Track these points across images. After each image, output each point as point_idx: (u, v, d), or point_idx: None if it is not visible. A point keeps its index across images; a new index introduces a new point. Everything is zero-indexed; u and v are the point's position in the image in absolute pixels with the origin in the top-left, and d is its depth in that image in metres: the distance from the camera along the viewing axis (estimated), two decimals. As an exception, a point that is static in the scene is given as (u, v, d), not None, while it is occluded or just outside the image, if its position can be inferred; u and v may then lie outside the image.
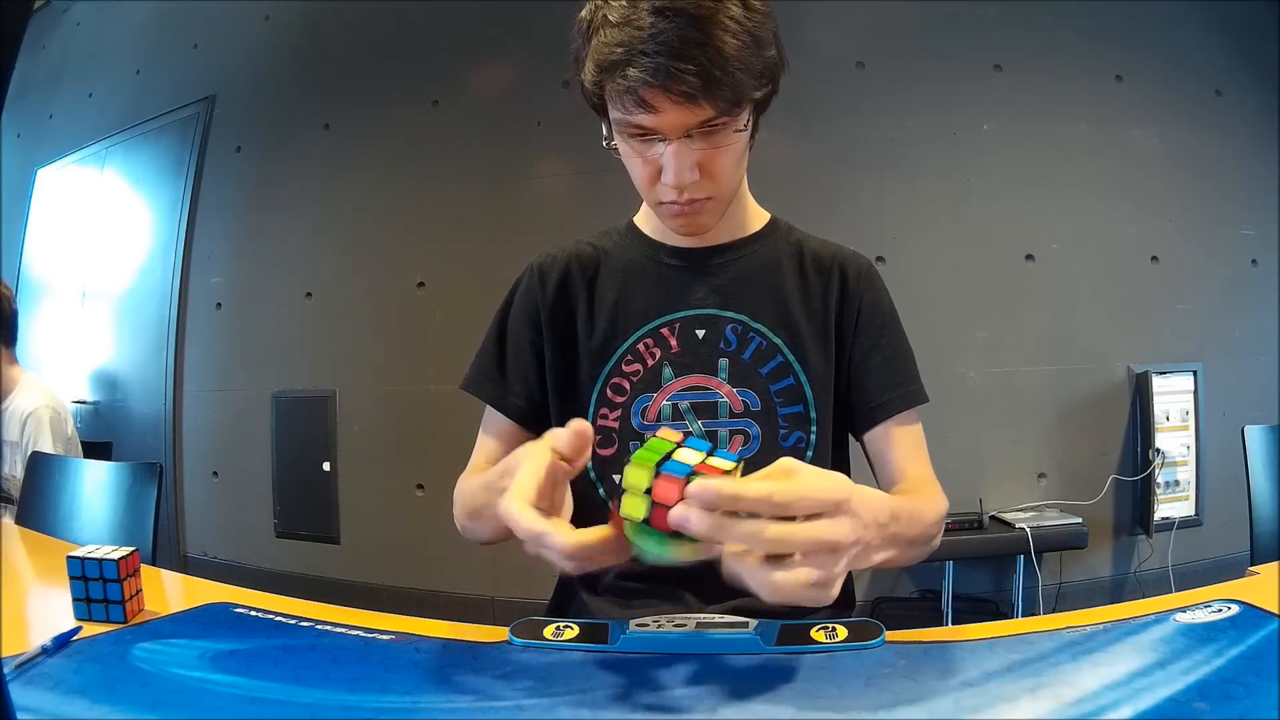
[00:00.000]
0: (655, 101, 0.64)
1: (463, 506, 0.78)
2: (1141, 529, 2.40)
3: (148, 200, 3.23)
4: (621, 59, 0.63)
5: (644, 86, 0.63)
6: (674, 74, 0.61)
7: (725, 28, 0.62)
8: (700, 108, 0.64)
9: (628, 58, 0.62)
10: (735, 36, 0.62)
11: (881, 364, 0.80)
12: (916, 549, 0.66)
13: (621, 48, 0.63)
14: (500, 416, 0.83)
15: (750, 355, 0.78)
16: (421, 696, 0.51)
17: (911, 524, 0.63)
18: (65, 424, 1.79)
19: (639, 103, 0.64)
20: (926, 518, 0.67)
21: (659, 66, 0.61)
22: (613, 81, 0.65)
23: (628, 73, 0.63)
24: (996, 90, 2.45)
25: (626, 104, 0.65)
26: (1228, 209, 2.51)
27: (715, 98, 0.63)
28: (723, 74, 0.62)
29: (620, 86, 0.64)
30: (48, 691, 0.51)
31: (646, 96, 0.63)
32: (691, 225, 0.75)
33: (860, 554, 0.50)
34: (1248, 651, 0.50)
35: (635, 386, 0.79)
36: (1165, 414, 2.36)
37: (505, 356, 0.84)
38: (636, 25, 0.62)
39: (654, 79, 0.62)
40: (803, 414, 0.78)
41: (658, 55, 0.61)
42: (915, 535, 0.63)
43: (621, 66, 0.63)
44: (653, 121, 0.66)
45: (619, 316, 0.81)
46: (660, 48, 0.61)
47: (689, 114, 0.65)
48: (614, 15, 0.64)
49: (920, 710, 0.46)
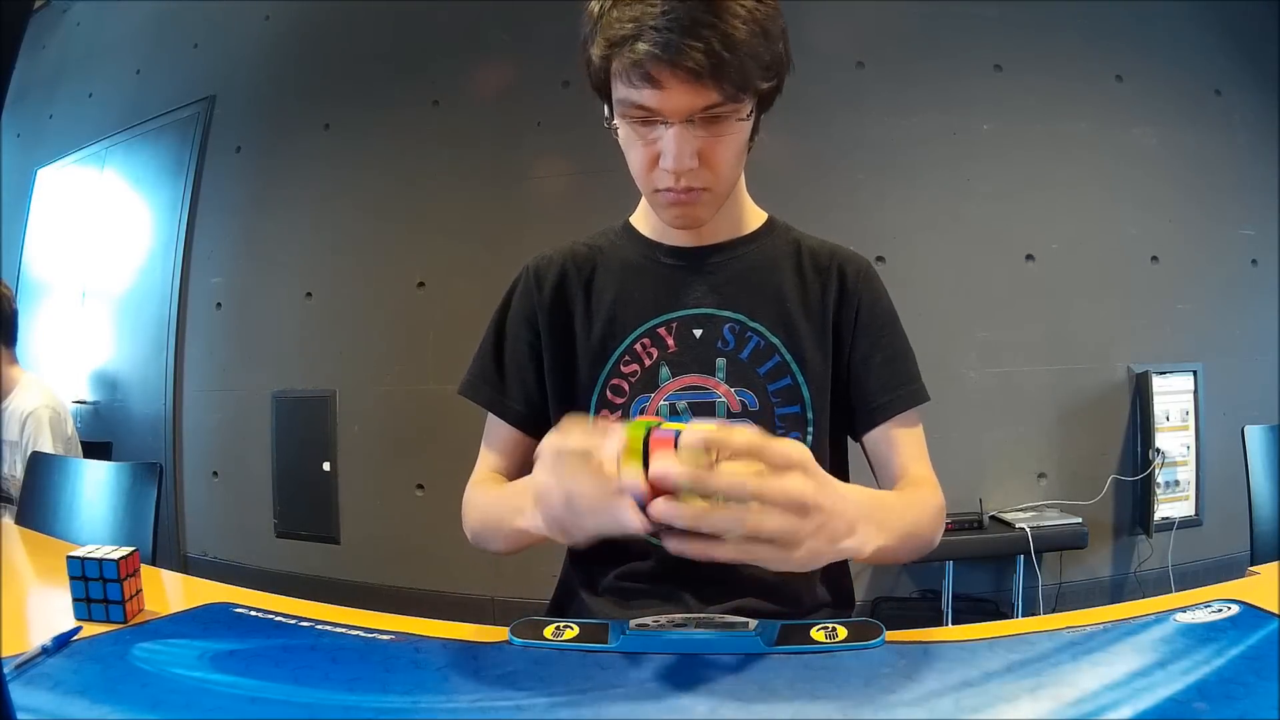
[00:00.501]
0: (661, 77, 0.64)
1: (476, 516, 0.77)
2: (1141, 529, 2.40)
3: (148, 200, 3.23)
4: (631, 33, 0.63)
5: (652, 61, 0.63)
6: (683, 50, 0.62)
7: (736, 14, 0.63)
8: (705, 89, 0.64)
9: (637, 32, 0.63)
10: (745, 23, 0.63)
11: (881, 364, 0.79)
12: (909, 543, 0.66)
13: (632, 23, 0.63)
14: (500, 421, 0.83)
15: (748, 355, 0.78)
16: (421, 696, 0.51)
17: (896, 512, 0.64)
18: (65, 424, 1.79)
19: (645, 77, 0.64)
20: (915, 511, 0.67)
21: (669, 42, 0.62)
22: (621, 56, 0.65)
23: (636, 47, 0.63)
24: (996, 90, 2.45)
25: (633, 78, 0.65)
26: (1228, 209, 2.51)
27: (721, 80, 0.64)
28: (731, 56, 0.63)
29: (628, 60, 0.64)
30: (48, 691, 0.51)
31: (653, 71, 0.64)
32: (686, 216, 0.74)
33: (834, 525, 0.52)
34: (1248, 651, 0.50)
35: (634, 387, 0.79)
36: (1165, 414, 2.36)
37: (503, 361, 0.83)
38: (649, 3, 0.63)
39: (663, 54, 0.62)
40: (800, 414, 0.78)
41: (668, 31, 0.62)
42: (903, 526, 0.63)
43: (631, 40, 0.63)
44: (657, 101, 0.66)
45: (616, 316, 0.80)
46: (671, 24, 0.62)
47: (694, 95, 0.65)
48: None
49: (920, 710, 0.46)
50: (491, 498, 0.75)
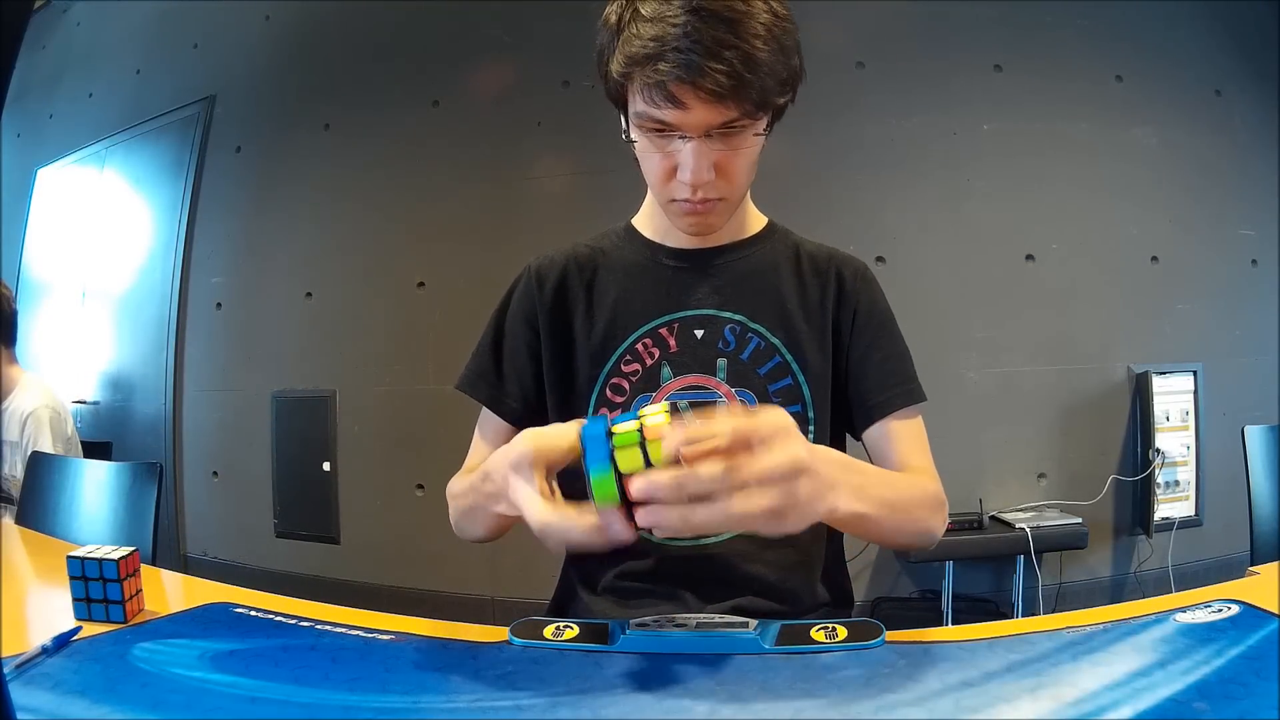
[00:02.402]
0: (684, 97, 0.64)
1: (455, 506, 0.78)
2: (1141, 529, 2.40)
3: (148, 200, 3.23)
4: (654, 53, 0.64)
5: (674, 81, 0.64)
6: (706, 72, 0.62)
7: (756, 33, 0.63)
8: (726, 108, 0.65)
9: (660, 52, 0.63)
10: (765, 42, 0.64)
11: (879, 364, 0.80)
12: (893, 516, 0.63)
13: (655, 42, 0.63)
14: (495, 418, 0.83)
15: (749, 355, 0.79)
16: (421, 696, 0.51)
17: (885, 485, 0.64)
18: (65, 424, 1.79)
19: (668, 97, 0.65)
20: (901, 488, 0.67)
21: (691, 63, 0.62)
22: (643, 74, 0.65)
23: (660, 67, 0.63)
24: (996, 90, 2.45)
25: (655, 97, 0.66)
26: (1228, 209, 2.50)
27: (743, 99, 0.64)
28: (753, 76, 0.63)
29: (650, 80, 0.65)
30: (48, 691, 0.51)
31: (676, 92, 0.64)
32: (701, 225, 0.76)
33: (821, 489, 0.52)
34: (1248, 651, 0.50)
35: (634, 386, 0.79)
36: (1165, 414, 2.36)
37: (501, 358, 0.84)
38: (671, 22, 0.63)
39: (685, 75, 0.63)
40: (800, 414, 0.78)
41: (691, 52, 0.62)
42: (891, 498, 0.63)
43: (654, 60, 0.64)
44: (677, 118, 0.66)
45: (618, 316, 0.81)
46: (694, 45, 0.62)
47: (714, 113, 0.65)
48: (646, 10, 0.65)
49: (920, 710, 0.46)
50: (466, 485, 0.74)
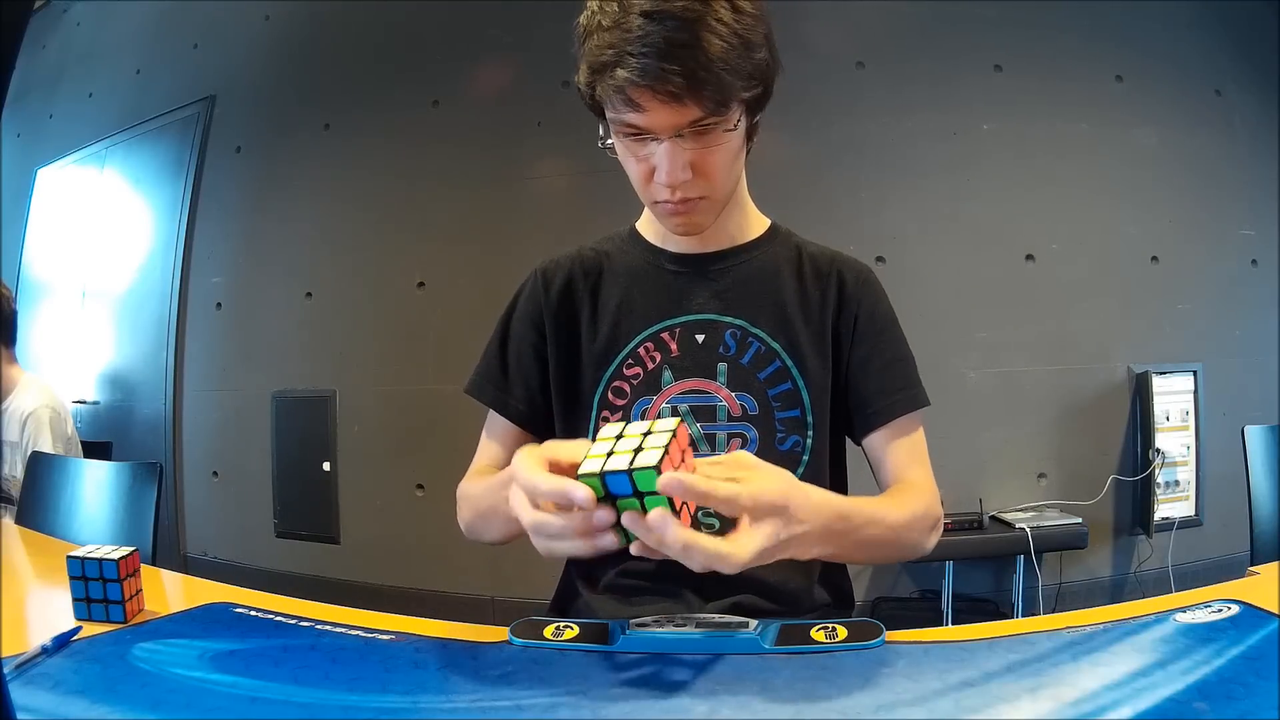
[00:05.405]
0: (643, 101, 0.65)
1: (469, 508, 0.78)
2: (1141, 529, 2.40)
3: (148, 200, 3.22)
4: (611, 60, 0.65)
5: (631, 86, 0.65)
6: (660, 74, 0.63)
7: (713, 30, 0.63)
8: (687, 107, 0.66)
9: (617, 59, 0.64)
10: (722, 39, 0.64)
11: (880, 369, 0.80)
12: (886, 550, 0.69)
13: (611, 49, 0.65)
14: (502, 420, 0.84)
15: (749, 360, 0.79)
16: (421, 696, 0.51)
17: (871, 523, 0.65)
18: (65, 424, 1.79)
19: (627, 102, 0.66)
20: (889, 519, 0.68)
21: (646, 67, 0.63)
22: (603, 82, 0.66)
23: (616, 73, 0.65)
24: (996, 90, 2.45)
25: (616, 103, 0.67)
26: (1228, 209, 2.50)
27: (701, 98, 0.65)
28: (708, 74, 0.64)
29: (610, 86, 0.66)
30: (48, 691, 0.52)
31: (634, 96, 0.65)
32: (687, 224, 0.76)
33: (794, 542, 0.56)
34: (1248, 651, 0.50)
35: (635, 389, 0.79)
36: (1165, 414, 2.35)
37: (508, 360, 0.84)
38: (625, 28, 0.64)
39: (641, 79, 0.64)
40: (800, 418, 0.78)
41: (644, 56, 0.63)
42: (870, 537, 0.65)
43: (611, 67, 0.65)
44: (643, 121, 0.67)
45: (621, 320, 0.81)
46: (648, 49, 0.63)
47: (677, 113, 0.66)
48: (606, 20, 0.66)
49: (920, 710, 0.46)
50: (484, 488, 0.75)
